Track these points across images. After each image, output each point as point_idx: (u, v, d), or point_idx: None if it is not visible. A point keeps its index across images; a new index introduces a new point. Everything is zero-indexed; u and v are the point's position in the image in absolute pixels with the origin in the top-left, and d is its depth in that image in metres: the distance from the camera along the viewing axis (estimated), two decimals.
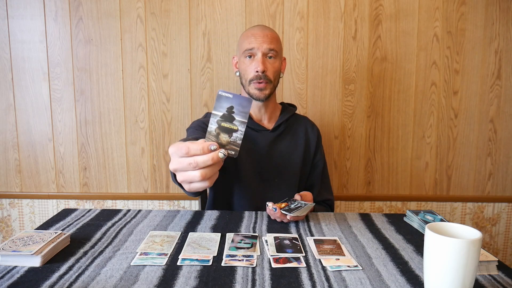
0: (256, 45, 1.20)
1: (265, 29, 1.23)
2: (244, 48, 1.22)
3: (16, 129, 1.72)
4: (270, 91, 1.24)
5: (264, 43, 1.20)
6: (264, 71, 1.20)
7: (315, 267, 0.77)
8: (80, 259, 0.79)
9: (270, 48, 1.21)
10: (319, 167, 1.34)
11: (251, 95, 1.24)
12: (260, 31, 1.22)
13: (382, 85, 1.70)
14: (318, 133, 1.37)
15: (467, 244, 0.61)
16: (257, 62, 1.20)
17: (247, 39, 1.22)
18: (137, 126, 1.72)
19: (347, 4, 1.65)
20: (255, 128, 1.28)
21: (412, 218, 1.03)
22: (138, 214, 1.08)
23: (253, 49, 1.20)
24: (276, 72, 1.24)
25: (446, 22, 1.66)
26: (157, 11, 1.65)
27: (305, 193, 1.14)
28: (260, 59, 1.20)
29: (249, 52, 1.21)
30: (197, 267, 0.76)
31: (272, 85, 1.23)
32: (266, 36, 1.21)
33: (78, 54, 1.68)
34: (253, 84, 1.21)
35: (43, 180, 1.75)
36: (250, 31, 1.24)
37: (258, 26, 1.25)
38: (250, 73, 1.22)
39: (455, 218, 1.77)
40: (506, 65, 1.68)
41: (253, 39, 1.21)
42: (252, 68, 1.21)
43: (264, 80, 1.20)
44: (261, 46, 1.20)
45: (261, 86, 1.21)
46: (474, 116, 1.72)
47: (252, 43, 1.21)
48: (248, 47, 1.21)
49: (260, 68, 1.19)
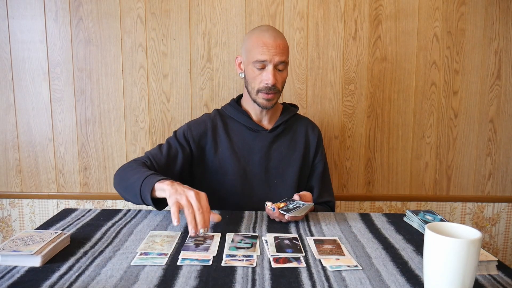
0: (268, 58, 1.16)
1: (277, 38, 1.18)
2: (254, 58, 1.17)
3: (16, 129, 1.72)
4: (277, 100, 1.24)
5: (276, 55, 1.16)
6: (275, 84, 1.18)
7: (315, 267, 0.77)
8: (80, 259, 0.79)
9: (281, 61, 1.17)
10: (319, 169, 1.33)
11: (257, 103, 1.23)
12: (272, 41, 1.16)
13: (382, 85, 1.70)
14: (319, 134, 1.36)
15: (467, 244, 0.61)
16: (268, 74, 1.17)
17: (259, 48, 1.17)
18: (137, 126, 1.72)
19: (347, 4, 1.65)
20: (254, 128, 1.27)
21: (412, 218, 1.03)
22: (138, 214, 1.08)
23: (265, 61, 1.17)
24: (284, 81, 1.24)
25: (446, 22, 1.66)
26: (157, 11, 1.65)
27: (304, 193, 1.13)
28: (271, 72, 1.17)
29: (260, 64, 1.17)
30: (197, 267, 0.76)
31: (279, 94, 1.24)
32: (278, 47, 1.16)
33: (78, 54, 1.68)
34: (261, 94, 1.20)
35: (43, 180, 1.75)
36: (261, 38, 1.18)
37: (270, 33, 1.19)
38: (260, 84, 1.19)
39: (455, 218, 1.77)
40: (506, 65, 1.68)
41: (266, 50, 1.16)
42: (262, 79, 1.19)
43: (273, 91, 1.19)
44: (273, 59, 1.16)
45: (270, 97, 1.20)
46: (474, 116, 1.72)
47: (264, 54, 1.16)
48: (260, 58, 1.16)
49: (271, 82, 1.17)
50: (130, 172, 1.07)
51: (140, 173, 1.03)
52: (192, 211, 0.89)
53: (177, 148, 1.23)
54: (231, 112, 1.30)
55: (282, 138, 1.30)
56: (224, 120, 1.30)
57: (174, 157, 1.21)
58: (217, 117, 1.30)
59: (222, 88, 1.70)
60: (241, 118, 1.28)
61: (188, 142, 1.25)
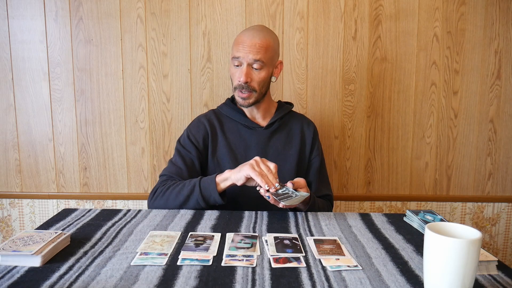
0: (242, 55, 1.20)
1: (255, 37, 1.21)
2: (232, 55, 1.23)
3: (16, 129, 1.72)
4: (255, 99, 1.26)
5: (250, 53, 1.19)
6: (247, 82, 1.21)
7: (315, 267, 0.77)
8: (80, 259, 0.79)
9: (256, 59, 1.20)
10: (316, 164, 1.35)
11: (236, 100, 1.27)
12: (249, 39, 1.20)
13: (382, 85, 1.70)
14: (315, 129, 1.38)
15: (467, 244, 0.61)
16: (241, 72, 1.21)
17: (236, 46, 1.22)
18: (137, 126, 1.72)
19: (347, 4, 1.65)
20: (250, 125, 1.30)
21: (412, 218, 1.03)
22: (138, 214, 1.08)
23: (239, 58, 1.21)
24: (262, 81, 1.25)
25: (446, 22, 1.66)
26: (157, 11, 1.65)
27: (298, 179, 1.12)
28: (245, 69, 1.21)
29: (236, 61, 1.22)
30: (197, 267, 0.76)
31: (257, 93, 1.25)
32: (254, 45, 1.19)
33: (78, 54, 1.68)
34: (237, 91, 1.25)
35: (43, 180, 1.75)
36: (241, 36, 1.23)
37: (249, 32, 1.23)
38: (235, 81, 1.25)
39: (455, 218, 1.77)
40: (506, 65, 1.68)
41: (241, 48, 1.20)
42: (236, 76, 1.23)
43: (247, 90, 1.22)
44: (247, 57, 1.20)
45: (244, 96, 1.24)
46: (474, 116, 1.72)
47: (239, 51, 1.20)
48: (235, 55, 1.22)
49: (242, 80, 1.21)
50: (176, 189, 1.15)
51: (189, 183, 1.14)
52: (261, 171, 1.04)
53: (189, 154, 1.27)
54: (226, 111, 1.33)
55: (278, 134, 1.32)
56: (220, 119, 1.33)
57: (191, 163, 1.26)
58: (212, 117, 1.34)
59: (222, 88, 1.70)
60: (236, 116, 1.31)
61: (194, 144, 1.28)
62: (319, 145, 1.38)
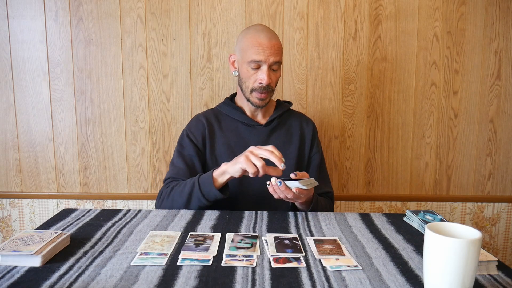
0: (263, 58, 1.19)
1: (272, 39, 1.21)
2: (249, 58, 1.20)
3: (16, 129, 1.72)
4: (270, 98, 1.28)
5: (271, 55, 1.19)
6: (269, 84, 1.22)
7: (315, 267, 0.77)
8: (80, 259, 0.79)
9: (276, 61, 1.21)
10: (316, 161, 1.35)
11: (250, 102, 1.27)
12: (267, 41, 1.19)
13: (382, 85, 1.70)
14: (314, 127, 1.38)
15: (467, 244, 0.61)
16: (263, 74, 1.20)
17: (254, 49, 1.20)
18: (137, 126, 1.72)
19: (347, 4, 1.65)
20: (249, 123, 1.30)
21: (412, 218, 1.03)
22: (138, 214, 1.08)
23: (260, 61, 1.20)
24: (278, 80, 1.28)
25: (446, 22, 1.66)
26: (157, 11, 1.65)
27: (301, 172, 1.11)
28: (266, 72, 1.20)
29: (255, 64, 1.20)
30: (197, 267, 0.76)
31: (272, 93, 1.27)
32: (273, 47, 1.20)
33: (78, 54, 1.68)
34: (255, 93, 1.23)
35: (43, 180, 1.75)
36: (257, 38, 1.20)
37: (265, 33, 1.21)
38: (254, 83, 1.23)
39: (455, 218, 1.77)
40: (506, 65, 1.68)
41: (261, 51, 1.19)
42: (256, 78, 1.22)
43: (267, 91, 1.23)
44: (268, 59, 1.19)
45: (263, 97, 1.24)
46: (474, 116, 1.72)
47: (259, 55, 1.19)
48: (255, 58, 1.19)
49: (265, 82, 1.20)
50: (178, 189, 1.16)
51: (190, 182, 1.14)
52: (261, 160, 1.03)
53: (189, 154, 1.27)
54: (225, 109, 1.33)
55: (277, 132, 1.32)
56: (218, 117, 1.34)
57: (192, 163, 1.27)
58: (210, 115, 1.34)
59: (222, 88, 1.70)
60: (235, 114, 1.31)
61: (193, 142, 1.28)
62: (318, 142, 1.38)
